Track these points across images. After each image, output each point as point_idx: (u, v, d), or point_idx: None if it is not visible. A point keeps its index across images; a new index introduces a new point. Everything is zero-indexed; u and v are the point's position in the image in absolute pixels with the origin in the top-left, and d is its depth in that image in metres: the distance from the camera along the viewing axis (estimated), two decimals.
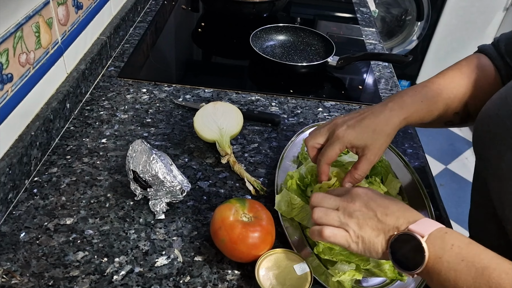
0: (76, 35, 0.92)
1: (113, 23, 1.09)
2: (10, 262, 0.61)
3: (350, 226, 0.54)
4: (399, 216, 0.53)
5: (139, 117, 0.90)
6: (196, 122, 0.82)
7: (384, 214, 0.53)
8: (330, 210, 0.56)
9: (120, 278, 0.61)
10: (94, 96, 0.95)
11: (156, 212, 0.70)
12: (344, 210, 0.55)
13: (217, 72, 1.14)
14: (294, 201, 0.68)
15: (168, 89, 1.00)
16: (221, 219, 0.61)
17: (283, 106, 0.98)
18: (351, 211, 0.55)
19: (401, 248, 0.51)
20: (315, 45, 1.19)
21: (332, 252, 0.63)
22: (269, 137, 0.89)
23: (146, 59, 1.11)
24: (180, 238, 0.67)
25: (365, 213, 0.54)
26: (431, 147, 2.49)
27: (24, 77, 0.74)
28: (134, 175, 0.69)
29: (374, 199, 0.56)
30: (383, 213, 0.54)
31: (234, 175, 0.79)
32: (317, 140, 0.67)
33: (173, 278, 0.62)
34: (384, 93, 1.06)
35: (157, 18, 1.29)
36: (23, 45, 0.72)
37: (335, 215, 0.56)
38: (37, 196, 0.71)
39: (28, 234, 0.65)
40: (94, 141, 0.83)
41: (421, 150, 0.89)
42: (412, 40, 2.62)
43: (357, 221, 0.54)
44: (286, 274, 0.57)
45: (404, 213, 0.53)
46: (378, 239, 0.53)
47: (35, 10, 0.75)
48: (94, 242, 0.65)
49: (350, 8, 1.50)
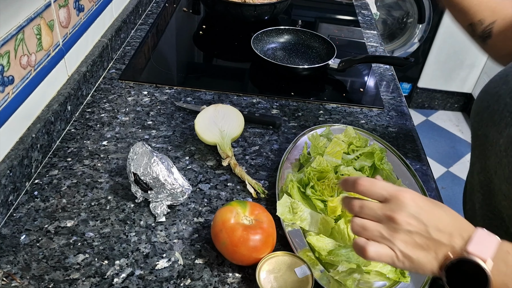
0: (77, 38, 0.92)
1: (114, 25, 1.09)
2: (10, 264, 0.61)
3: (395, 243, 0.47)
4: (452, 232, 0.46)
5: (140, 120, 0.90)
6: (197, 124, 0.82)
7: (436, 229, 0.46)
8: (371, 222, 0.48)
9: (120, 281, 0.61)
10: (95, 98, 0.95)
11: (157, 215, 0.69)
12: (388, 223, 0.47)
13: (218, 74, 1.14)
14: (296, 206, 0.68)
15: (169, 92, 1.00)
16: (222, 222, 0.61)
17: (284, 108, 0.98)
18: (397, 225, 0.47)
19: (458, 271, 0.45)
20: (316, 47, 1.19)
21: (332, 254, 0.62)
22: (270, 140, 0.88)
23: (147, 62, 1.11)
24: (181, 240, 0.67)
25: (414, 228, 0.46)
26: (432, 149, 2.49)
27: (25, 79, 0.74)
28: (135, 178, 0.68)
29: (424, 209, 0.47)
30: (435, 228, 0.46)
31: (235, 178, 0.78)
32: None
33: (173, 281, 0.61)
34: (385, 96, 1.06)
35: (158, 21, 1.30)
36: (24, 47, 0.72)
37: (377, 229, 0.47)
38: (38, 199, 0.71)
39: (29, 236, 0.65)
40: (95, 143, 0.83)
41: (422, 153, 0.89)
42: (414, 42, 2.62)
43: (404, 238, 0.46)
44: (287, 277, 0.57)
45: (457, 226, 0.47)
46: (428, 258, 0.46)
47: (37, 13, 0.75)
48: (95, 245, 0.65)
49: (352, 10, 1.51)
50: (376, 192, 0.48)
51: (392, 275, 0.62)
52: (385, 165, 0.77)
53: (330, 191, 0.71)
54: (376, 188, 0.49)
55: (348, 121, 0.96)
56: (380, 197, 0.48)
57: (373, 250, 0.47)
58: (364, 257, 0.47)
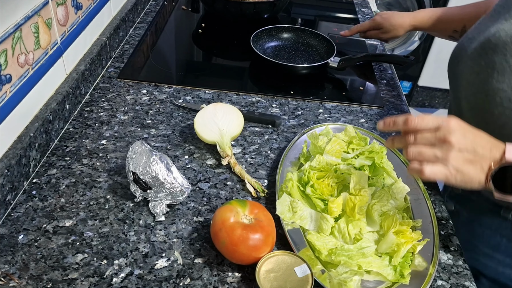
0: (75, 36, 0.91)
1: (113, 23, 1.08)
2: (8, 264, 0.61)
3: (449, 161, 0.56)
4: (491, 147, 0.57)
5: (139, 118, 0.90)
6: (196, 123, 0.82)
7: (480, 146, 0.57)
8: (426, 147, 0.57)
9: (119, 281, 0.60)
10: (94, 97, 0.95)
11: (156, 214, 0.69)
12: (442, 145, 0.57)
13: (218, 73, 1.13)
14: (295, 205, 0.68)
15: (169, 90, 0.99)
16: (222, 221, 0.61)
17: (284, 107, 0.98)
18: (450, 146, 0.56)
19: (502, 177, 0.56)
20: (316, 46, 1.19)
21: (333, 254, 0.62)
22: (269, 139, 0.88)
23: (146, 60, 1.11)
24: (180, 240, 0.67)
25: (464, 146, 0.56)
26: None
27: (23, 77, 0.73)
28: (134, 177, 0.68)
29: (469, 131, 0.58)
30: (479, 146, 0.57)
31: (235, 177, 0.78)
32: None
33: (173, 280, 0.61)
34: (385, 95, 1.06)
35: (157, 19, 1.29)
36: (22, 46, 0.72)
37: (431, 152, 0.57)
38: (36, 198, 0.71)
39: (27, 236, 0.65)
40: (93, 142, 0.83)
41: None
42: (414, 41, 2.62)
43: (456, 156, 0.56)
44: (287, 276, 0.57)
45: (493, 143, 0.58)
46: (476, 171, 0.56)
47: (34, 11, 0.74)
48: (94, 244, 0.65)
49: (352, 8, 1.50)
50: (428, 123, 0.58)
51: (391, 277, 0.62)
52: (385, 164, 0.77)
53: (330, 190, 0.71)
54: (426, 119, 0.58)
55: (348, 120, 0.96)
56: (432, 126, 0.58)
57: (429, 169, 0.57)
58: (421, 176, 0.57)
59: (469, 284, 0.65)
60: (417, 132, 0.58)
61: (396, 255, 0.63)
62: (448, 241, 0.71)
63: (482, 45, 0.70)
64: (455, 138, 0.56)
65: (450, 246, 0.70)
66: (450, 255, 0.68)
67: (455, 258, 0.68)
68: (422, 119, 0.58)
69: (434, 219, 0.70)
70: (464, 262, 0.68)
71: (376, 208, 0.68)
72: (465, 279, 0.65)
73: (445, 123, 0.57)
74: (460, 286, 0.64)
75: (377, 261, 0.63)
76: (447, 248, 0.70)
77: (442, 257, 0.68)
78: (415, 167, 0.58)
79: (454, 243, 0.70)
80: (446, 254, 0.69)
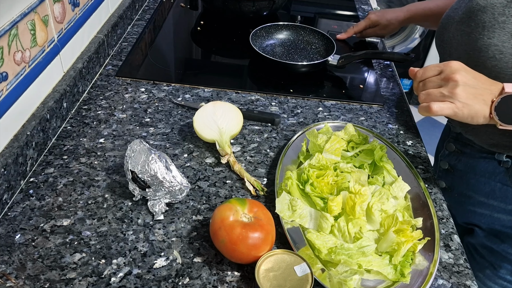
0: (73, 33, 0.90)
1: (110, 21, 1.08)
2: (5, 264, 0.60)
3: (455, 97, 0.63)
4: (491, 83, 0.65)
5: (137, 117, 0.89)
6: (195, 121, 0.81)
7: (481, 82, 0.64)
8: (434, 89, 0.65)
9: (118, 280, 0.60)
10: (92, 95, 0.94)
11: (155, 213, 0.69)
12: (448, 83, 0.64)
13: (217, 71, 1.12)
14: (295, 204, 0.67)
15: (167, 89, 0.98)
16: (221, 220, 0.60)
17: (283, 105, 0.97)
18: (456, 82, 0.64)
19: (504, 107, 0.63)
20: (315, 43, 1.18)
21: (333, 253, 0.62)
22: (269, 137, 0.87)
23: (145, 58, 1.10)
24: (179, 239, 0.66)
25: (469, 81, 0.63)
26: (434, 147, 2.48)
27: (20, 75, 0.72)
28: (133, 175, 0.68)
29: (470, 70, 0.65)
30: (480, 82, 0.64)
31: (234, 175, 0.78)
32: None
33: (171, 279, 0.61)
34: (385, 92, 1.05)
35: (156, 16, 1.28)
36: (18, 43, 0.71)
37: (438, 92, 0.65)
38: (33, 197, 0.70)
39: (24, 235, 0.64)
40: (91, 141, 0.82)
41: (423, 150, 0.88)
42: (415, 38, 2.61)
43: (462, 90, 0.63)
44: (287, 275, 0.56)
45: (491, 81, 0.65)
46: (480, 105, 0.63)
47: (31, 7, 0.74)
48: (92, 244, 0.64)
49: (351, 5, 1.49)
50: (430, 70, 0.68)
51: (392, 276, 0.61)
52: (386, 162, 0.76)
53: (330, 188, 0.70)
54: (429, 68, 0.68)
55: (348, 118, 0.95)
56: (435, 71, 0.67)
57: (436, 105, 0.64)
58: (430, 112, 0.65)
59: (470, 283, 0.64)
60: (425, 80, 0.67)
61: (397, 254, 0.62)
62: (449, 240, 0.70)
63: (470, 9, 0.75)
64: (459, 75, 0.63)
65: (451, 245, 0.69)
66: (451, 254, 0.68)
67: (456, 257, 0.68)
68: (425, 69, 0.68)
69: (434, 218, 0.70)
70: (465, 261, 0.67)
71: (376, 206, 0.68)
72: (466, 278, 0.65)
73: (447, 66, 0.65)
74: (461, 285, 0.64)
75: (377, 260, 0.62)
76: (448, 247, 0.69)
77: (443, 256, 0.68)
78: (424, 105, 0.65)
79: (455, 242, 0.70)
80: (447, 253, 0.68)
